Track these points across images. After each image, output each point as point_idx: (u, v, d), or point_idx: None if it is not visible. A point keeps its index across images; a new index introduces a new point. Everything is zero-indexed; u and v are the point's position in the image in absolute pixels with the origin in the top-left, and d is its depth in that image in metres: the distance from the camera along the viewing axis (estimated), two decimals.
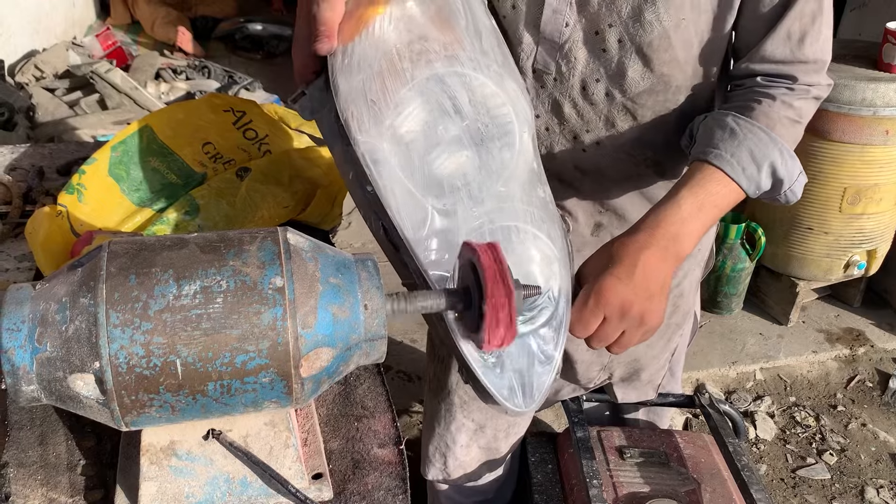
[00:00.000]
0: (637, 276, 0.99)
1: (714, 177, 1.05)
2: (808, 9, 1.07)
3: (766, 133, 1.06)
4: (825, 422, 2.55)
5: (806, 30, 1.08)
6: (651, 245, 1.01)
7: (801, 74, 1.10)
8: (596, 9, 1.10)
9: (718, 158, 1.05)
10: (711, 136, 1.08)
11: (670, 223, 1.02)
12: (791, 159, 1.08)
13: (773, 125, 1.08)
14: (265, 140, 1.48)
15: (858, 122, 2.44)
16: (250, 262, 0.78)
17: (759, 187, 1.08)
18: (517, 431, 1.57)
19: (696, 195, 1.04)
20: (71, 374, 0.75)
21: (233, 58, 5.17)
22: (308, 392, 0.81)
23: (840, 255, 2.68)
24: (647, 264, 1.00)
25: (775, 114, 1.08)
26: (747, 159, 1.05)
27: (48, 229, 1.24)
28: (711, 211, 1.05)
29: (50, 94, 3.65)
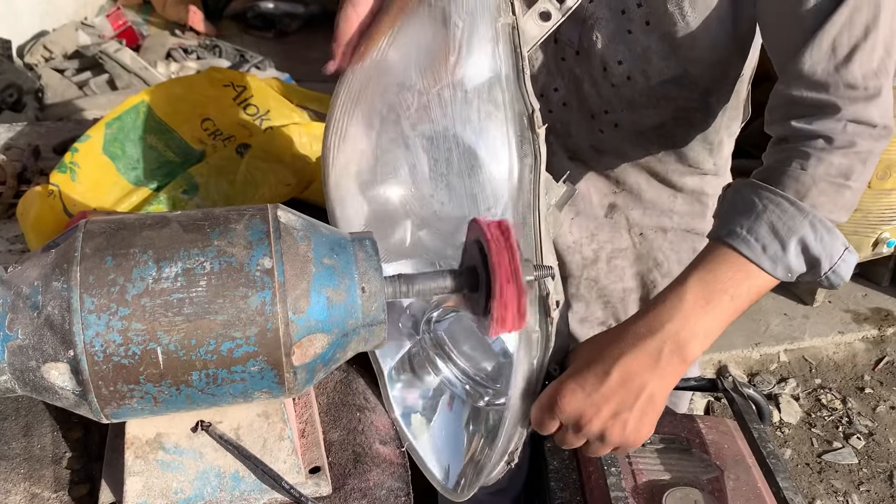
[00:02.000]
0: (606, 388, 0.84)
1: (727, 259, 0.86)
2: (859, 18, 0.86)
3: (791, 203, 0.85)
4: (852, 405, 2.47)
5: (856, 44, 0.85)
6: (635, 350, 0.85)
7: (845, 103, 0.86)
8: None
9: (732, 236, 0.86)
10: (729, 211, 0.90)
11: (669, 322, 0.85)
12: (828, 233, 0.86)
13: (807, 192, 0.86)
14: (266, 116, 1.42)
15: None
16: (236, 242, 0.72)
17: (789, 269, 0.87)
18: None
19: (705, 284, 0.86)
20: (44, 364, 0.69)
21: (244, 37, 5.10)
22: (302, 381, 0.75)
23: (869, 233, 2.59)
24: (628, 373, 0.85)
25: (808, 177, 0.86)
26: (768, 235, 0.85)
27: (39, 209, 1.19)
28: (726, 303, 0.86)
29: (59, 74, 3.61)
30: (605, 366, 0.85)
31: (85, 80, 3.60)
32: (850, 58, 0.86)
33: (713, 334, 0.88)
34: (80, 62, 3.78)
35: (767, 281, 0.87)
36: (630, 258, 1.31)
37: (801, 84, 0.89)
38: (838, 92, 0.87)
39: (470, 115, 0.89)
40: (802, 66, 0.88)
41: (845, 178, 0.87)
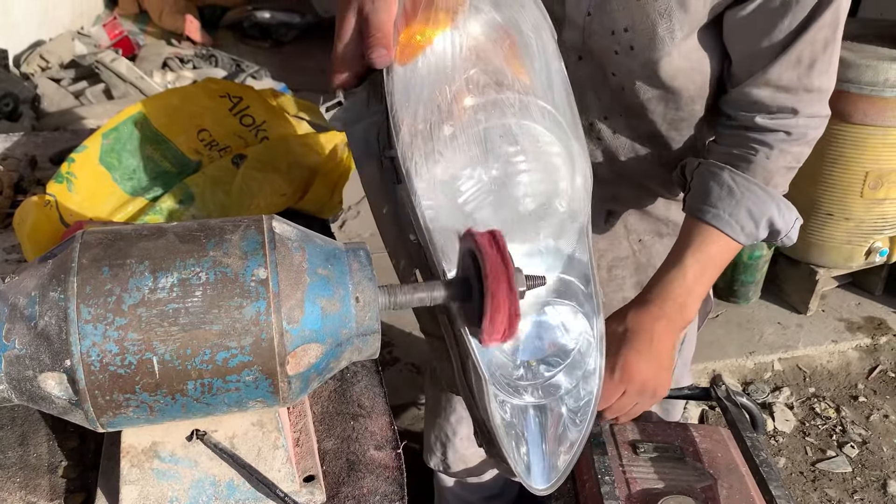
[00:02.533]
0: (654, 350, 1.04)
1: (713, 237, 1.07)
2: (821, 36, 1.01)
3: (763, 190, 1.06)
4: (846, 413, 2.48)
5: (816, 56, 1.02)
6: (662, 317, 1.06)
7: (803, 105, 1.05)
8: (614, 10, 1.05)
9: (717, 219, 1.07)
10: (709, 193, 1.08)
11: (678, 293, 1.07)
12: (787, 210, 1.09)
13: (771, 177, 1.07)
14: (262, 126, 1.43)
15: (881, 104, 2.35)
16: (232, 253, 0.73)
17: (756, 239, 1.10)
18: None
19: (699, 261, 1.07)
20: (41, 373, 0.70)
21: (241, 46, 5.13)
22: (296, 391, 0.76)
23: (861, 242, 2.61)
24: (661, 337, 1.05)
25: (773, 165, 1.07)
26: (746, 218, 1.06)
27: (36, 219, 1.19)
28: (713, 272, 1.10)
29: (55, 84, 3.62)
30: (648, 332, 1.04)
31: (81, 90, 3.61)
32: (812, 67, 1.03)
33: (703, 298, 1.11)
34: (76, 71, 3.79)
35: (738, 249, 1.11)
36: (630, 268, 1.33)
37: (768, 88, 1.05)
38: (799, 95, 1.04)
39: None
40: (771, 75, 1.04)
41: (797, 161, 1.09)
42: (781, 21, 1.00)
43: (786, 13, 0.99)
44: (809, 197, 2.58)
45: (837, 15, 1.00)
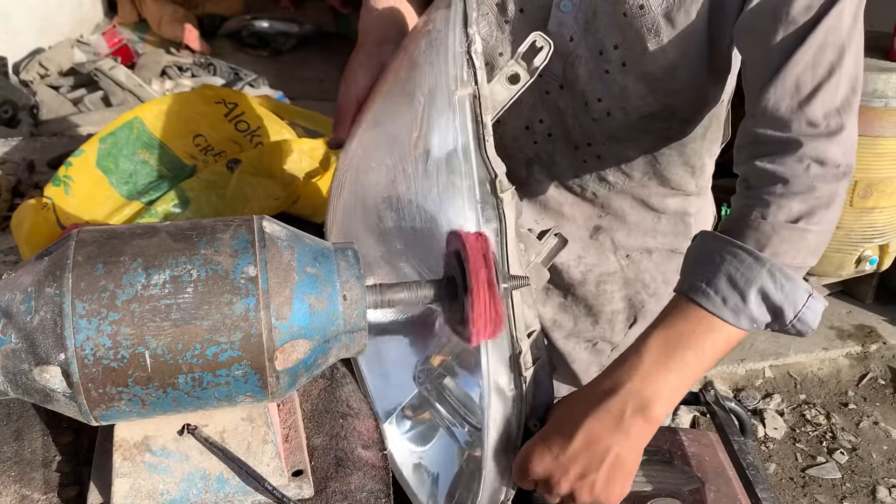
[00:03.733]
0: (572, 450, 0.84)
1: (689, 314, 0.87)
2: (823, 57, 0.87)
3: (749, 253, 0.85)
4: (836, 420, 2.50)
5: (819, 84, 0.86)
6: (598, 412, 0.84)
7: (806, 141, 0.87)
8: (601, 28, 1.02)
9: (693, 290, 0.87)
10: (691, 265, 0.91)
11: (630, 381, 0.85)
12: (788, 281, 0.85)
13: (768, 241, 0.86)
14: (257, 132, 1.46)
15: (869, 114, 2.39)
16: (222, 251, 0.75)
17: (753, 320, 0.87)
18: None
19: (666, 341, 0.86)
20: (36, 367, 0.72)
21: (239, 55, 5.16)
22: (284, 386, 0.78)
23: (851, 251, 2.63)
24: (592, 435, 0.84)
25: (769, 226, 0.86)
26: (726, 288, 0.85)
27: (33, 222, 1.21)
28: (689, 359, 0.85)
29: (54, 91, 3.65)
30: (571, 427, 0.84)
31: (80, 97, 3.64)
32: (813, 96, 0.86)
33: (678, 392, 0.87)
34: (75, 79, 3.82)
35: (733, 333, 0.87)
36: (618, 283, 1.33)
37: (765, 121, 0.89)
38: (800, 129, 0.87)
39: (430, 187, 0.89)
40: (767, 103, 0.88)
41: (806, 222, 0.86)
42: (775, 35, 0.88)
43: (777, 26, 0.88)
44: None
45: (840, 33, 0.87)
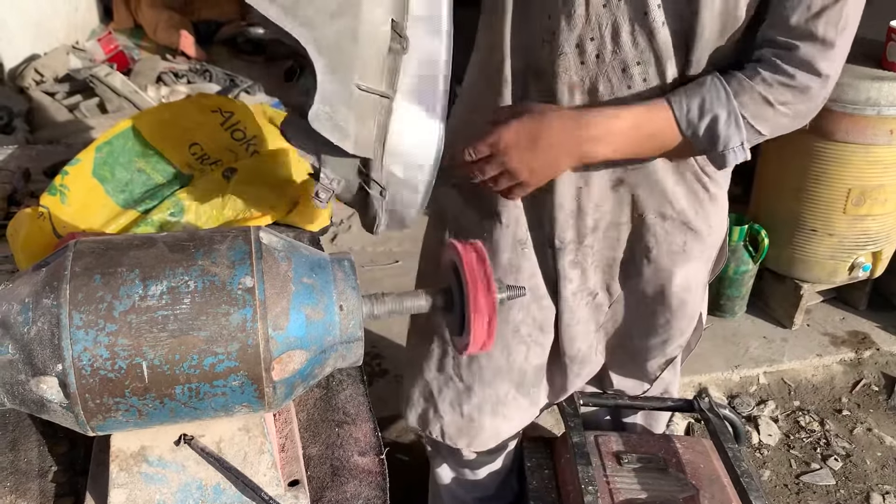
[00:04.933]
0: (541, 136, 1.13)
1: (661, 108, 1.14)
2: None
3: (726, 93, 1.12)
4: (830, 426, 2.50)
5: (826, 5, 1.07)
6: (566, 119, 1.14)
7: (803, 47, 1.10)
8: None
9: (673, 96, 1.14)
10: (690, 85, 1.15)
11: (598, 122, 1.14)
12: (736, 125, 1.13)
13: (742, 92, 1.12)
14: (253, 141, 1.46)
15: (862, 122, 2.40)
16: (220, 262, 0.76)
17: (695, 132, 1.14)
18: (505, 413, 1.52)
19: (636, 116, 1.14)
20: (33, 377, 0.72)
21: (235, 61, 5.15)
22: (281, 396, 0.78)
23: (845, 257, 2.64)
24: (555, 131, 1.14)
25: (748, 84, 1.12)
26: (696, 105, 1.13)
27: (29, 230, 1.21)
28: (641, 136, 1.15)
29: (50, 97, 3.64)
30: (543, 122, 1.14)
31: (75, 104, 3.64)
32: (819, 15, 1.07)
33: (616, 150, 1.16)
34: (70, 85, 3.81)
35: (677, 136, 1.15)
36: (625, 233, 1.37)
37: (778, 27, 1.11)
38: (802, 37, 1.09)
39: None
40: (781, 14, 1.10)
41: (774, 100, 1.12)
42: None
43: None
44: (793, 213, 2.62)
45: None
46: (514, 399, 1.51)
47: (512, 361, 1.46)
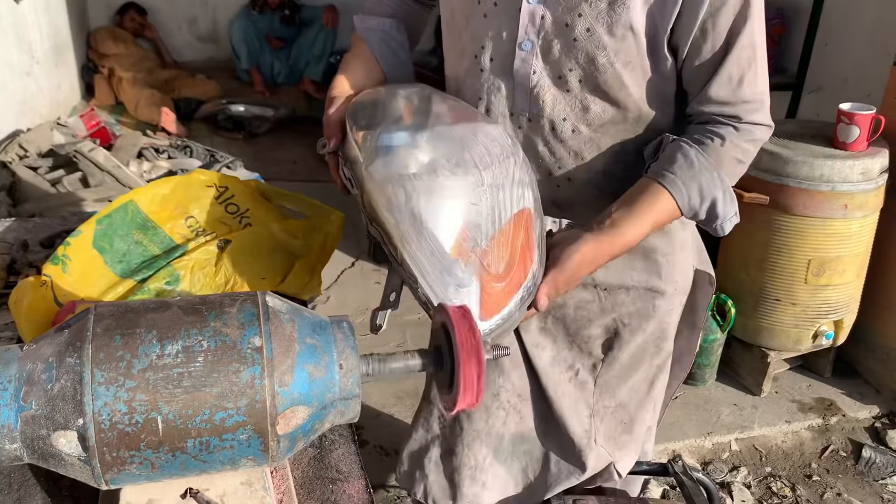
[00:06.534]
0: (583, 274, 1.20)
1: (664, 199, 1.22)
2: (744, 55, 1.21)
3: (717, 174, 1.23)
4: (801, 492, 2.56)
5: (743, 73, 1.22)
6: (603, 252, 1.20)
7: (743, 114, 1.24)
8: (557, 56, 1.24)
9: (673, 185, 1.21)
10: (673, 162, 1.23)
11: (623, 240, 1.21)
12: (731, 201, 1.25)
13: (722, 163, 1.24)
14: (246, 214, 1.53)
15: (818, 197, 2.54)
16: (230, 323, 0.82)
17: (695, 216, 1.26)
18: (483, 481, 1.54)
19: (655, 216, 1.22)
20: (54, 432, 0.77)
21: (215, 138, 5.27)
22: (284, 450, 0.84)
23: (808, 326, 2.75)
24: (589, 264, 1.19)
25: (725, 153, 1.24)
26: (695, 192, 1.22)
27: (32, 299, 1.26)
28: (655, 227, 1.24)
29: (33, 172, 3.70)
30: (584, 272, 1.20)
31: (58, 178, 3.70)
32: (741, 83, 1.22)
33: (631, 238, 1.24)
34: (54, 160, 3.88)
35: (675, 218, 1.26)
36: (596, 311, 1.44)
37: (710, 103, 1.25)
38: (737, 106, 1.24)
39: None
40: (709, 93, 1.24)
41: (744, 157, 1.27)
42: (704, 45, 1.21)
43: (705, 39, 1.20)
44: (758, 283, 2.74)
45: (753, 38, 1.21)
46: (492, 465, 1.54)
47: (491, 425, 1.50)
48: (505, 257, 1.10)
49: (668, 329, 1.49)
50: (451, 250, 1.06)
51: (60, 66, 5.28)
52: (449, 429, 1.52)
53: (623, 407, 1.52)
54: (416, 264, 1.05)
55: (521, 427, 1.52)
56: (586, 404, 1.49)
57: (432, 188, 1.07)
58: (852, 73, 3.46)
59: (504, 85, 1.31)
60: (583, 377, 1.48)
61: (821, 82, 3.59)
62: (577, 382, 1.48)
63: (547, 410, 1.51)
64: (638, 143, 1.33)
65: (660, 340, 1.49)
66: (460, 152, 1.12)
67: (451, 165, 1.10)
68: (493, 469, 1.54)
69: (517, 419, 1.51)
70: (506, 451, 1.54)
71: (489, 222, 1.09)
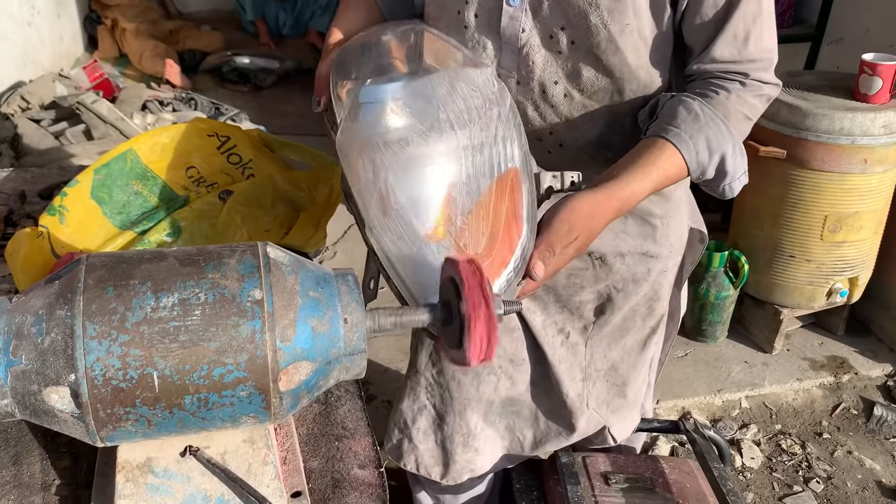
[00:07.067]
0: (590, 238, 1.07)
1: (670, 155, 1.11)
2: (749, 10, 1.13)
3: (725, 125, 1.13)
4: (811, 449, 2.54)
5: (749, 29, 1.14)
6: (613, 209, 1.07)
7: (750, 71, 1.16)
8: (547, 13, 1.16)
9: (678, 138, 1.10)
10: (675, 116, 1.12)
11: (632, 199, 1.09)
12: (741, 156, 1.15)
13: (729, 116, 1.14)
14: (249, 164, 1.49)
15: (837, 151, 2.47)
16: (229, 275, 0.78)
17: (703, 173, 1.14)
18: (476, 447, 1.52)
19: (658, 180, 1.11)
20: (46, 388, 0.74)
21: (220, 90, 5.20)
22: (286, 407, 0.80)
23: (822, 283, 2.70)
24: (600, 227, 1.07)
25: (732, 106, 1.14)
26: (703, 146, 1.11)
27: (28, 250, 1.23)
28: (659, 185, 1.12)
29: (35, 124, 3.65)
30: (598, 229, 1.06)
31: (61, 130, 3.65)
32: (747, 40, 1.14)
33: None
34: (56, 112, 3.83)
35: (685, 175, 1.14)
36: (589, 278, 1.39)
37: (714, 62, 1.16)
38: (743, 65, 1.15)
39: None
40: (714, 52, 1.15)
41: (752, 114, 1.17)
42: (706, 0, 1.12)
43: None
44: (772, 239, 2.68)
45: None
46: (483, 430, 1.52)
47: (482, 392, 1.47)
48: (486, 232, 0.96)
49: (660, 290, 1.45)
50: (424, 231, 0.93)
51: (63, 16, 5.19)
52: (439, 398, 1.49)
53: (615, 369, 1.49)
54: (383, 250, 0.93)
55: (512, 392, 1.50)
56: (580, 368, 1.47)
57: (401, 160, 0.93)
58: (875, 23, 3.35)
59: (490, 43, 1.21)
60: (574, 339, 1.45)
61: (842, 33, 3.48)
62: (568, 345, 1.45)
63: (538, 374, 1.47)
64: (634, 112, 1.24)
65: (652, 302, 1.45)
66: (435, 111, 0.97)
67: (423, 129, 0.96)
68: (484, 433, 1.52)
69: (508, 384, 1.48)
70: (495, 413, 1.51)
71: (464, 194, 0.96)
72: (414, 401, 1.51)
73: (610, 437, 1.58)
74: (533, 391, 1.50)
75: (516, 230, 0.98)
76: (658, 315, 1.47)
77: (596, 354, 1.46)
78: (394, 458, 1.57)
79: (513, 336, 1.43)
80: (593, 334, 1.45)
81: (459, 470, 1.53)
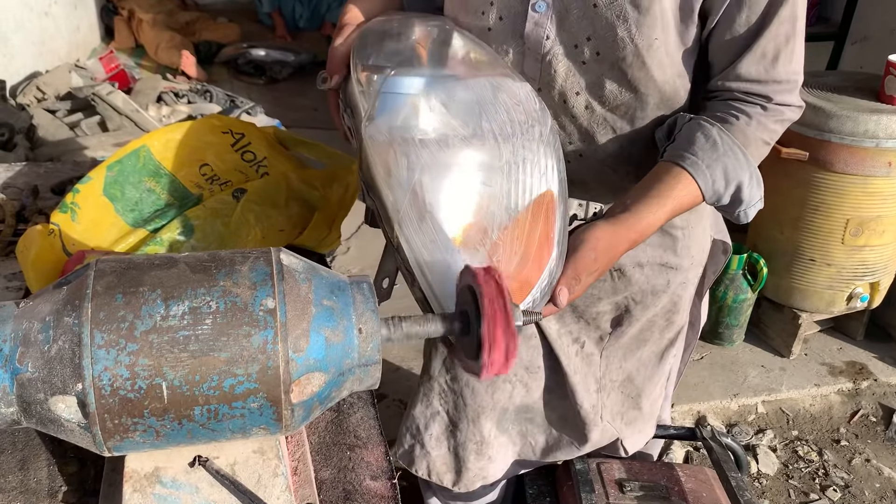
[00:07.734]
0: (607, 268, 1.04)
1: (685, 183, 1.08)
2: (782, 30, 1.09)
3: (743, 154, 1.09)
4: (828, 457, 2.50)
5: (779, 50, 1.10)
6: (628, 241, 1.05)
7: (775, 94, 1.12)
8: (574, 23, 1.11)
9: (695, 167, 1.08)
10: (693, 143, 1.09)
11: (645, 230, 1.06)
12: (757, 185, 1.12)
13: (748, 144, 1.11)
14: (263, 162, 1.46)
15: (861, 154, 2.42)
16: (241, 283, 0.76)
17: (719, 201, 1.12)
18: (490, 454, 1.50)
19: (673, 210, 1.08)
20: (52, 396, 0.72)
21: (235, 83, 5.19)
22: (298, 419, 0.78)
23: (843, 288, 2.66)
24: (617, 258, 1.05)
25: (752, 133, 1.11)
26: (720, 175, 1.08)
27: (39, 248, 1.21)
28: (673, 214, 1.09)
29: (51, 115, 3.64)
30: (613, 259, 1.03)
31: (76, 121, 3.64)
32: (776, 60, 1.10)
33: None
34: (72, 103, 3.82)
35: (698, 204, 1.11)
36: (607, 290, 1.36)
37: (739, 80, 1.12)
38: (769, 86, 1.12)
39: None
40: (739, 70, 1.11)
41: (771, 139, 1.14)
42: (739, 16, 1.08)
43: (741, 9, 1.08)
44: (792, 242, 2.64)
45: (795, 10, 1.08)
46: (496, 437, 1.50)
47: (496, 400, 1.44)
48: (518, 252, 0.93)
49: (679, 302, 1.42)
50: (456, 241, 0.90)
51: (80, 7, 5.19)
52: (452, 404, 1.47)
53: (631, 381, 1.47)
54: (413, 252, 0.89)
55: (527, 399, 1.48)
56: (594, 378, 1.44)
57: (441, 162, 0.90)
58: None
59: (512, 49, 1.17)
60: (589, 349, 1.42)
61: (866, 32, 3.42)
62: (583, 355, 1.42)
63: (553, 381, 1.45)
64: (656, 125, 1.20)
65: (671, 314, 1.42)
66: (478, 118, 0.95)
67: (465, 134, 0.93)
68: (497, 440, 1.50)
69: (523, 392, 1.45)
70: (508, 420, 1.49)
71: (503, 210, 0.93)
72: (427, 406, 1.48)
73: (622, 448, 1.55)
74: (547, 398, 1.47)
75: (546, 253, 0.95)
76: (677, 327, 1.44)
77: (611, 365, 1.44)
78: (405, 463, 1.55)
79: (529, 343, 1.41)
80: (609, 345, 1.42)
81: (472, 477, 1.51)
